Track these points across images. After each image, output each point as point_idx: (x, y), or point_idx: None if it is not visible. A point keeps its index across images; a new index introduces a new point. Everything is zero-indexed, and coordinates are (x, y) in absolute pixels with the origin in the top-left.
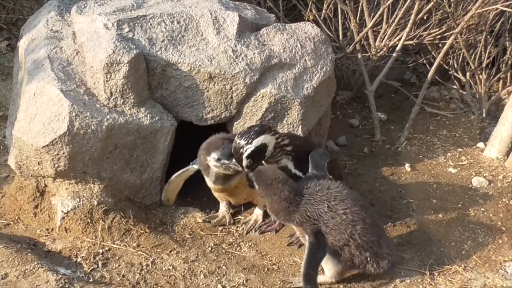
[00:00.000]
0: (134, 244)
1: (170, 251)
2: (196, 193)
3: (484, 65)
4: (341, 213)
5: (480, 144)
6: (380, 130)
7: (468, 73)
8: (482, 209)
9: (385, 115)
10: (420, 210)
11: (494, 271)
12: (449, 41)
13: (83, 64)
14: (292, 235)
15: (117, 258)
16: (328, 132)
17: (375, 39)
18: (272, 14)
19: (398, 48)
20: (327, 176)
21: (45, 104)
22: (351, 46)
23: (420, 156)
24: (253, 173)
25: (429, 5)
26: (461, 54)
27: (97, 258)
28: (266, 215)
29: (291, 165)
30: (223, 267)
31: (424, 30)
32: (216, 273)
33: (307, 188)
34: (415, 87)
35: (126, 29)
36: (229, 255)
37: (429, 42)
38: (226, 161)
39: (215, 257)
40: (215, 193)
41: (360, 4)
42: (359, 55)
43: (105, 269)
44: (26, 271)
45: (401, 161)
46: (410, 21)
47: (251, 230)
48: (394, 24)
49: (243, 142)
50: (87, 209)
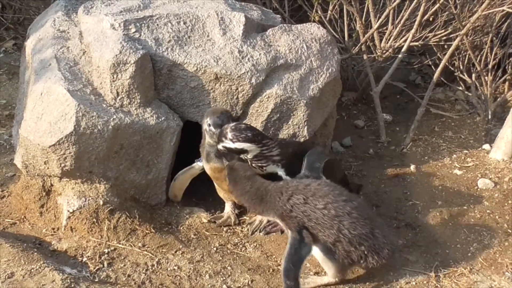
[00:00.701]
0: (140, 244)
1: (176, 251)
2: (201, 194)
3: (490, 67)
4: (321, 208)
5: (486, 146)
6: (385, 131)
7: (474, 75)
8: (488, 211)
9: (390, 116)
10: (426, 212)
11: (500, 274)
12: (455, 43)
13: (90, 64)
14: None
15: (123, 258)
16: (333, 133)
17: (381, 40)
18: (278, 15)
19: (404, 49)
20: (321, 178)
21: (52, 104)
22: (357, 47)
23: (426, 158)
24: (226, 167)
25: (435, 7)
26: (467, 56)
27: (103, 258)
28: None
29: (281, 172)
30: (228, 268)
31: (430, 32)
32: (222, 274)
33: (279, 184)
34: (420, 88)
35: (133, 30)
36: (234, 256)
37: (435, 44)
38: (213, 129)
39: (220, 258)
40: (220, 193)
41: (366, 5)
42: (365, 56)
43: (111, 269)
44: (32, 270)
45: (407, 163)
46: (416, 22)
47: (256, 231)
48: (400, 25)
49: (229, 136)
50: (93, 209)
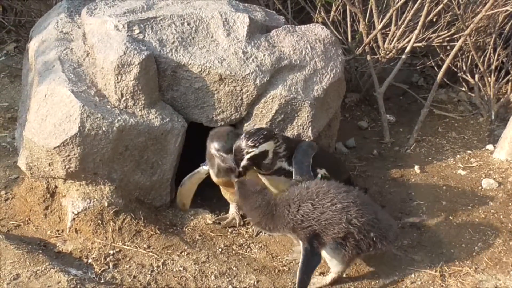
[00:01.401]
0: (145, 245)
1: (181, 252)
2: (206, 195)
3: (493, 68)
4: (329, 205)
5: (489, 146)
6: (389, 132)
7: (477, 76)
8: (492, 211)
9: (394, 117)
10: (430, 212)
11: (505, 273)
12: (459, 43)
13: (94, 66)
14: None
15: (128, 259)
16: (337, 134)
17: (384, 41)
18: (281, 16)
19: (407, 50)
20: (312, 179)
21: (56, 105)
22: (361, 48)
23: (429, 158)
24: (236, 182)
25: (439, 7)
26: (470, 57)
27: (108, 259)
28: None
29: (285, 165)
30: (234, 268)
31: (433, 32)
32: (227, 274)
33: (284, 195)
34: (423, 90)
35: (137, 31)
36: (240, 257)
37: (438, 45)
38: (224, 154)
39: (226, 259)
40: (225, 195)
41: (369, 6)
42: (368, 57)
43: (116, 270)
44: (38, 272)
45: (411, 163)
46: (420, 23)
47: (261, 232)
48: (403, 26)
49: (250, 144)
50: (98, 210)
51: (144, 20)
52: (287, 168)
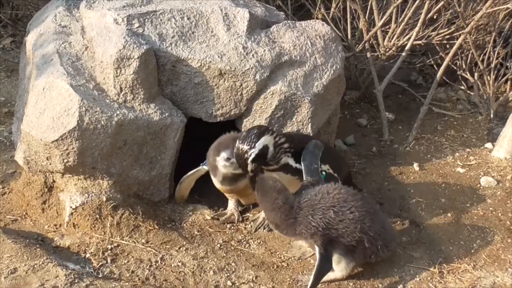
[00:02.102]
0: (143, 240)
1: (179, 248)
2: (205, 191)
3: (493, 66)
4: (348, 213)
5: (488, 145)
6: (388, 130)
7: (476, 74)
8: (491, 209)
9: (393, 115)
10: (429, 209)
11: (503, 270)
12: (459, 41)
13: (93, 59)
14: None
15: (126, 254)
16: (337, 131)
17: (384, 39)
18: (282, 12)
19: (407, 48)
20: (321, 181)
21: (55, 99)
22: (361, 45)
23: (428, 156)
24: (257, 179)
25: (439, 5)
26: (469, 55)
27: (106, 254)
28: None
29: (292, 161)
30: (233, 264)
31: (433, 30)
32: (226, 270)
33: (307, 199)
34: (422, 88)
35: (136, 25)
36: (238, 252)
37: (438, 43)
38: (236, 161)
39: (224, 254)
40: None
41: (369, 3)
42: (368, 54)
43: (114, 265)
44: (36, 266)
45: (410, 161)
46: (420, 20)
47: (260, 228)
48: (403, 24)
49: (246, 147)
50: (96, 205)
51: (144, 14)
52: (294, 166)
